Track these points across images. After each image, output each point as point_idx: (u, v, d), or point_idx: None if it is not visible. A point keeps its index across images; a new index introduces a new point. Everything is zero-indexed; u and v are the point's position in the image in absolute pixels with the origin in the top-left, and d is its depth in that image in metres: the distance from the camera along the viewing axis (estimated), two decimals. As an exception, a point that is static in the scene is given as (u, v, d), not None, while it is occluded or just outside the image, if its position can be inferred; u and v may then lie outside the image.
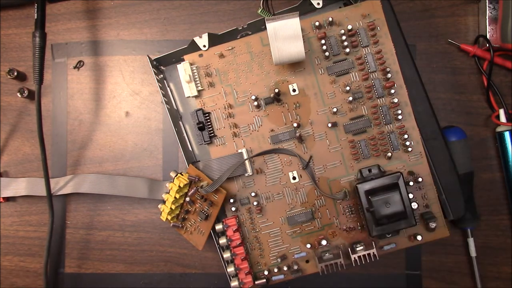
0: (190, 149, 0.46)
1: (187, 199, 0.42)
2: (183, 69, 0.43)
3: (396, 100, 0.41)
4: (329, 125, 0.42)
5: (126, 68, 0.49)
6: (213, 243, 0.44)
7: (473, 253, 0.46)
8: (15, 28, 0.49)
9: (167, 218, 0.42)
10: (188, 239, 0.43)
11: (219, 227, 0.42)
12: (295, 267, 0.42)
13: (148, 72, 0.49)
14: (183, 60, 0.44)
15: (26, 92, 0.48)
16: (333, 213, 0.43)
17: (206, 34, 0.43)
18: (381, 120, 0.42)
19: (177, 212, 0.43)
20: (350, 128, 0.42)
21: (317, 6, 0.45)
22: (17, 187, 0.47)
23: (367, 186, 0.39)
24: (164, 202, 0.42)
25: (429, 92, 0.43)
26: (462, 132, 0.45)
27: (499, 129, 0.46)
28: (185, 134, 0.46)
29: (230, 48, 0.43)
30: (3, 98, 0.49)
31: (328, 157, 0.42)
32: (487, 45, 0.45)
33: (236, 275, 0.42)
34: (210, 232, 0.43)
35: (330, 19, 0.42)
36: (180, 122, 0.46)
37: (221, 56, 0.43)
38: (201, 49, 0.43)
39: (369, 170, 0.42)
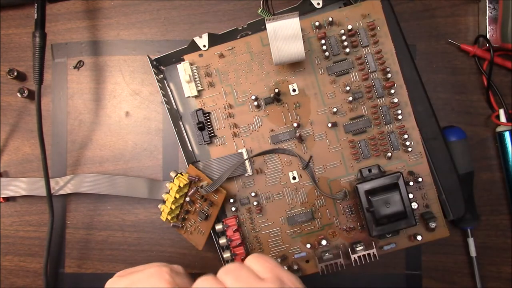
0: (190, 149, 0.46)
1: (187, 199, 0.42)
2: (183, 69, 0.43)
3: (396, 100, 0.41)
4: (329, 125, 0.42)
5: (126, 68, 0.49)
6: (213, 243, 0.44)
7: (473, 253, 0.46)
8: (15, 28, 0.49)
9: (167, 218, 0.42)
10: (188, 239, 0.43)
11: (219, 227, 0.42)
12: (295, 267, 0.42)
13: (148, 72, 0.49)
14: (183, 60, 0.44)
15: (26, 92, 0.47)
16: (333, 213, 0.43)
17: (206, 34, 0.43)
18: (381, 120, 0.42)
19: (177, 212, 0.43)
20: (350, 128, 0.42)
21: (317, 6, 0.45)
22: (17, 187, 0.47)
23: (367, 186, 0.39)
24: (164, 202, 0.42)
25: (429, 92, 0.43)
26: (462, 132, 0.45)
27: (499, 129, 0.46)
28: (185, 134, 0.46)
29: (230, 48, 0.43)
30: (3, 98, 0.49)
31: (328, 157, 0.42)
32: (487, 45, 0.45)
33: (236, 275, 0.41)
34: (210, 232, 0.43)
35: (330, 19, 0.42)
36: (180, 122, 0.46)
37: (221, 56, 0.43)
38: (201, 49, 0.43)
39: (369, 170, 0.42)
